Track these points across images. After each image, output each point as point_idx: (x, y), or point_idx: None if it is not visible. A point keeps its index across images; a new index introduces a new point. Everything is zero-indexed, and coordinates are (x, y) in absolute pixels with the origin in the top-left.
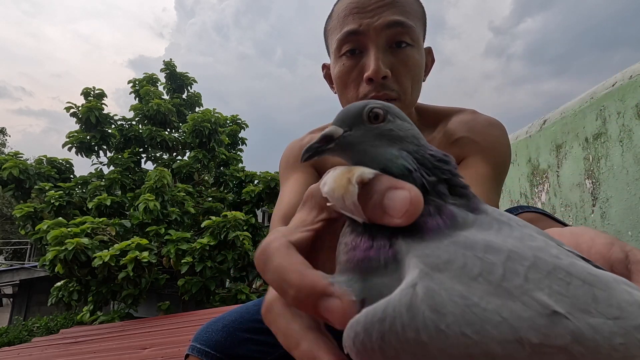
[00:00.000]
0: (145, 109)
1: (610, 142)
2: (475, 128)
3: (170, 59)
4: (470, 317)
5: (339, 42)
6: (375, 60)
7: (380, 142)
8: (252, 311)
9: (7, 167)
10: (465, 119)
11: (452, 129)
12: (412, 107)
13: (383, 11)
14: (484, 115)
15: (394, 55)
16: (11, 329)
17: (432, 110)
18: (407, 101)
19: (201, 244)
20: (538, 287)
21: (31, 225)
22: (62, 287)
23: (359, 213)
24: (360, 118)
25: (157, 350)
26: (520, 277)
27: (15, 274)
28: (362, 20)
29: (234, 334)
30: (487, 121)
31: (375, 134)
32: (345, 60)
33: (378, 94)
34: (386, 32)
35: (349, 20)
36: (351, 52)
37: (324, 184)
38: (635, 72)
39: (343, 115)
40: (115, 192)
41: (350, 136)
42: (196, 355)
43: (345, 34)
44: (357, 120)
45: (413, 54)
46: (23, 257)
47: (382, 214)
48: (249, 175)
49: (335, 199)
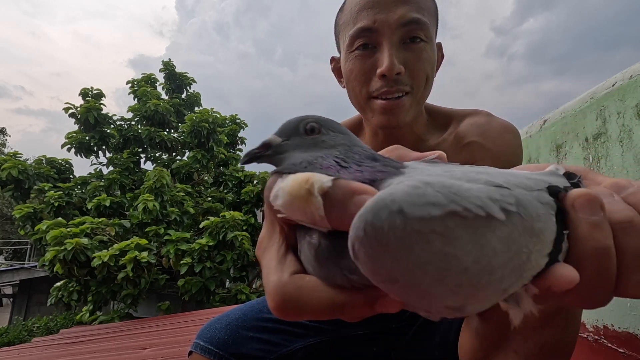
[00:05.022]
0: (143, 109)
1: (610, 142)
2: (487, 133)
3: (169, 59)
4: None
5: (351, 37)
6: (389, 57)
7: (312, 149)
8: (256, 310)
9: (7, 168)
10: (479, 122)
11: (464, 132)
12: (423, 102)
13: (397, 7)
14: (499, 119)
15: (408, 51)
16: (11, 329)
17: (444, 111)
18: (418, 96)
19: (200, 245)
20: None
21: (31, 225)
22: (62, 287)
23: (324, 224)
24: (297, 130)
25: (157, 350)
26: (471, 174)
27: (15, 274)
28: (376, 17)
29: (237, 332)
30: (501, 126)
31: (308, 144)
32: (358, 55)
33: (391, 89)
34: (401, 29)
35: (362, 16)
36: (364, 47)
37: (276, 197)
38: (635, 72)
39: (283, 127)
40: (115, 193)
41: (287, 145)
42: (199, 352)
43: (358, 30)
44: (294, 132)
45: (427, 49)
46: (23, 257)
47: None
48: (248, 175)
49: (293, 211)
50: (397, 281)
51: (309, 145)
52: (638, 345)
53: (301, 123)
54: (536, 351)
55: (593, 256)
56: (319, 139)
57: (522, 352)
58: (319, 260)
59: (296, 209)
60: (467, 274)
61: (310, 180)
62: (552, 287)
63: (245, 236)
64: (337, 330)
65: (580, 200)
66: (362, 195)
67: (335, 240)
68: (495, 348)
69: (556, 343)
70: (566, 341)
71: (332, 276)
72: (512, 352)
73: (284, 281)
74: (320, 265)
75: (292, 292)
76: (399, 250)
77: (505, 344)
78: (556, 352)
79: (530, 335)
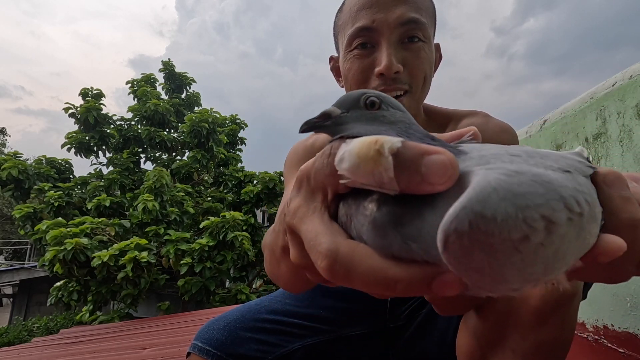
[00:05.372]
0: (143, 109)
1: (610, 142)
2: (485, 133)
3: (169, 59)
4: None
5: (350, 37)
6: (387, 56)
7: (372, 123)
8: (254, 310)
9: (7, 168)
10: (476, 123)
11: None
12: (422, 102)
13: (396, 6)
14: (496, 120)
15: (406, 50)
16: (11, 329)
17: (442, 111)
18: (416, 95)
19: (200, 245)
20: (546, 163)
21: (30, 225)
22: (62, 287)
23: (393, 186)
24: (358, 103)
25: (157, 350)
26: (534, 159)
27: (15, 274)
28: (374, 16)
29: (235, 332)
30: (498, 126)
31: (368, 118)
32: (356, 54)
33: (389, 88)
34: (399, 29)
35: (361, 16)
36: (362, 47)
37: (341, 160)
38: (635, 72)
39: (342, 99)
40: (115, 193)
41: (347, 117)
42: (197, 353)
43: (357, 29)
44: (354, 105)
45: (425, 49)
46: (23, 257)
47: (421, 183)
48: (248, 175)
49: (362, 174)
50: (482, 270)
51: (369, 119)
52: (638, 345)
53: (362, 97)
54: (533, 350)
55: (629, 227)
56: (379, 113)
57: (520, 351)
58: (376, 226)
59: (363, 172)
60: (545, 264)
61: (380, 141)
62: (599, 256)
63: (245, 236)
64: (335, 331)
65: (610, 177)
66: (434, 155)
67: (397, 206)
68: (492, 347)
69: (553, 341)
70: (563, 339)
71: (389, 245)
72: (510, 350)
73: (338, 241)
74: (377, 233)
75: (347, 253)
76: (503, 244)
77: (502, 343)
78: (553, 350)
79: (528, 334)
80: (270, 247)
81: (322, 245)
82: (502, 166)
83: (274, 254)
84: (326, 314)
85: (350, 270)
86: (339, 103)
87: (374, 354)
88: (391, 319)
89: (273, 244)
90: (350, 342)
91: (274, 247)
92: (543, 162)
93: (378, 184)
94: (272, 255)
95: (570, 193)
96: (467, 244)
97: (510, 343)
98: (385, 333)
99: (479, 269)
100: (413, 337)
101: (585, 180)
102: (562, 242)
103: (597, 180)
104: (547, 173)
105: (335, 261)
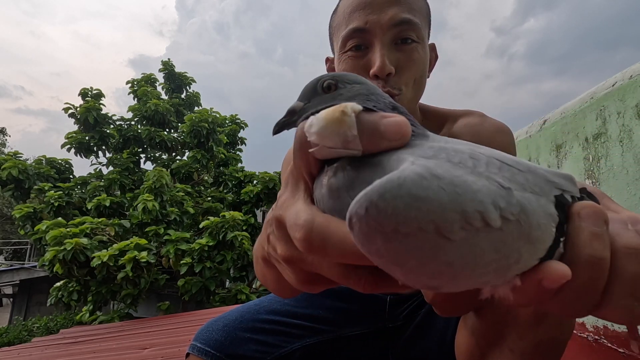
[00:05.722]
0: (143, 109)
1: (610, 142)
2: (481, 133)
3: (169, 59)
4: (458, 183)
5: (344, 38)
6: (380, 57)
7: (332, 103)
8: (253, 311)
9: (7, 167)
10: (472, 123)
11: (457, 132)
12: (416, 102)
13: (389, 8)
14: (492, 119)
15: (399, 51)
16: (11, 329)
17: (438, 111)
18: (411, 96)
19: (200, 245)
20: (495, 173)
21: (30, 225)
22: (62, 287)
23: (356, 144)
24: (315, 91)
25: (157, 350)
26: (483, 166)
27: (15, 274)
28: (368, 17)
29: (234, 333)
30: (494, 126)
31: (327, 100)
32: (350, 56)
33: (382, 89)
34: (392, 30)
35: (354, 17)
36: (356, 48)
37: (311, 125)
38: (635, 72)
39: (302, 91)
40: (115, 193)
41: (309, 106)
42: (197, 354)
43: (351, 31)
44: (313, 93)
45: (418, 50)
46: (23, 257)
47: (380, 140)
48: (248, 175)
49: (328, 135)
50: (383, 257)
51: (328, 101)
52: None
53: (318, 83)
54: (531, 349)
55: (587, 263)
56: (337, 93)
57: (518, 350)
58: (331, 190)
59: (330, 132)
60: (451, 266)
61: (344, 104)
62: (543, 280)
63: (245, 236)
64: (334, 331)
65: (586, 210)
66: (389, 117)
67: (352, 171)
68: (491, 346)
69: (551, 341)
70: (561, 339)
71: (343, 208)
72: (508, 350)
73: (315, 213)
74: (331, 194)
75: (322, 222)
76: (394, 234)
77: (501, 342)
78: (551, 349)
79: (526, 334)
80: (256, 256)
81: (300, 219)
82: (435, 164)
83: (258, 262)
84: (325, 314)
85: (325, 239)
86: (300, 96)
87: (374, 354)
88: (390, 318)
89: (257, 253)
90: (350, 342)
91: (258, 256)
92: (490, 172)
93: (343, 143)
94: (257, 263)
95: (479, 208)
96: (365, 228)
97: (509, 342)
98: (385, 333)
99: (379, 254)
100: (412, 336)
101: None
102: (453, 249)
103: (572, 210)
104: (470, 184)
105: (312, 230)
